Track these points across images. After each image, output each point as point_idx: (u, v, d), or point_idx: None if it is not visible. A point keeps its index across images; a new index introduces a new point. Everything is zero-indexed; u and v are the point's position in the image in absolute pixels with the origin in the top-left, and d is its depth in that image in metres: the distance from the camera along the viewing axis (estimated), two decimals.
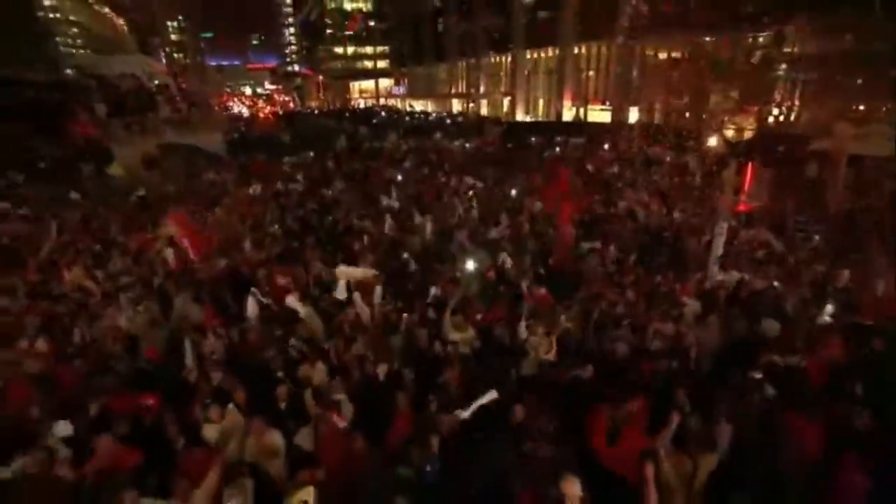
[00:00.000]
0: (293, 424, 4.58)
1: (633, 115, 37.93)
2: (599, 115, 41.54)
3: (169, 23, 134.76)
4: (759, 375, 4.27)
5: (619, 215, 10.94)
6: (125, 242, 9.95)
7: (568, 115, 45.25)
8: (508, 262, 7.92)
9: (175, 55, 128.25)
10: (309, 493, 3.24)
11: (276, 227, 10.80)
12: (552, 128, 31.64)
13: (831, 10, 19.74)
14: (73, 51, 60.57)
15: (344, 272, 7.19)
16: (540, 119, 46.61)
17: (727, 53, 28.31)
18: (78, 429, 4.47)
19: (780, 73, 26.13)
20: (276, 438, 4.35)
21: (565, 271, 7.66)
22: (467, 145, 25.89)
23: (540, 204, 11.40)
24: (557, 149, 21.61)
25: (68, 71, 23.24)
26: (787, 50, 26.00)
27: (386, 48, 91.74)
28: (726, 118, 24.94)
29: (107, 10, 78.69)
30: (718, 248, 6.64)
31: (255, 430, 4.31)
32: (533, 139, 26.47)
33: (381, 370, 4.94)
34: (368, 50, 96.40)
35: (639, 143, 22.02)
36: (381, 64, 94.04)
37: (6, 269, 8.52)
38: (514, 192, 13.46)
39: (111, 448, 3.93)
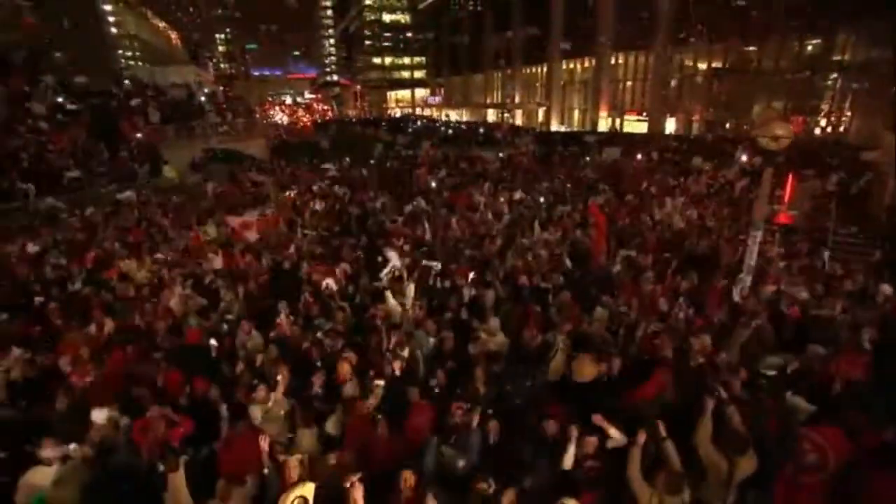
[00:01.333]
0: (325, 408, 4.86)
1: (671, 125, 37.35)
2: (635, 125, 41.05)
3: (217, 35, 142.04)
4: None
5: (654, 224, 10.85)
6: (175, 238, 10.59)
7: (603, 125, 44.87)
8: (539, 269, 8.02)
9: (222, 65, 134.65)
10: (309, 489, 3.27)
11: (316, 230, 11.24)
12: (587, 137, 31.48)
13: (881, 16, 19.03)
14: (133, 62, 64.54)
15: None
16: (575, 129, 46.31)
17: (773, 62, 27.57)
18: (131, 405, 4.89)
19: (829, 81, 25.27)
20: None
21: (599, 279, 7.68)
22: (501, 154, 26.03)
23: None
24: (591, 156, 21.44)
25: (127, 81, 24.70)
26: (836, 58, 25.16)
27: (422, 59, 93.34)
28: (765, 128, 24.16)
29: (163, 24, 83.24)
30: (751, 258, 6.54)
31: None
32: (564, 148, 26.45)
33: (397, 366, 5.13)
34: (405, 60, 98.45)
35: (676, 153, 21.65)
36: (418, 74, 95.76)
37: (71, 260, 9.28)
38: (549, 200, 13.54)
39: (164, 417, 4.29)
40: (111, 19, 67.12)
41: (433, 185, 15.82)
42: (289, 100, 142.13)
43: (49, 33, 33.64)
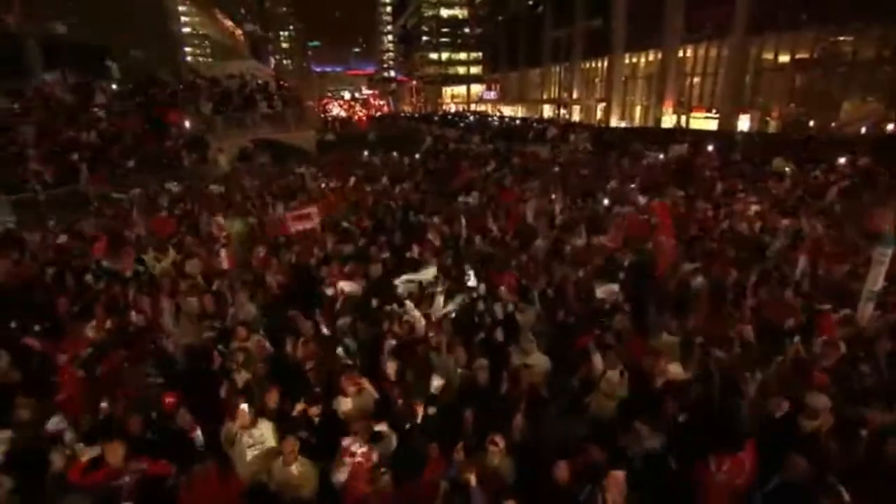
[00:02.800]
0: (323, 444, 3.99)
1: (744, 123, 34.22)
2: (703, 122, 38.07)
3: (281, 32, 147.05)
4: None
5: (728, 232, 9.30)
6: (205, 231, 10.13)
7: (668, 122, 42.06)
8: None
9: (284, 61, 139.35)
10: None
11: (350, 224, 10.48)
12: (651, 134, 29.25)
13: None
14: (200, 59, 67.68)
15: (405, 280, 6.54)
16: (636, 126, 43.73)
17: (870, 52, 24.38)
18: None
19: None
20: (307, 469, 3.80)
21: (667, 293, 6.40)
22: (556, 150, 24.59)
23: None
24: (661, 156, 19.56)
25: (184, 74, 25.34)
26: None
27: (479, 54, 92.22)
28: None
29: (229, 22, 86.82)
30: (876, 281, 5.07)
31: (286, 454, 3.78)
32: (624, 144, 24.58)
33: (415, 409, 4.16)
34: (462, 55, 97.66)
35: (753, 152, 19.39)
36: (474, 69, 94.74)
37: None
38: (606, 201, 12.17)
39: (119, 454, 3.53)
40: (183, 19, 70.78)
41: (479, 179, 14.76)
42: (347, 95, 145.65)
43: (121, 31, 35.39)
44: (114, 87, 20.53)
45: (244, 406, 3.96)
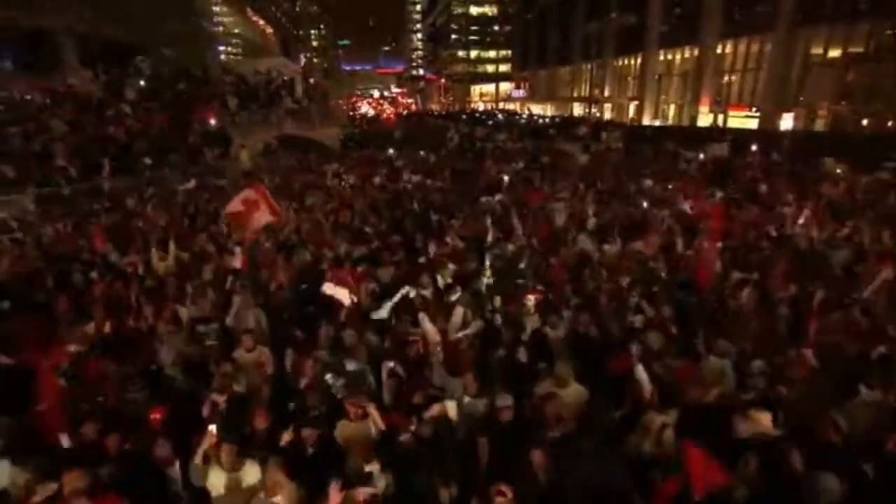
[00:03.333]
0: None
1: (787, 122, 32.38)
2: (742, 121, 36.29)
3: (312, 31, 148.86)
4: None
5: (780, 239, 8.40)
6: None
7: (703, 120, 40.33)
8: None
9: (315, 60, 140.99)
10: None
11: (366, 224, 9.97)
12: (687, 133, 27.95)
13: None
14: (231, 56, 68.81)
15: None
16: (670, 124, 42.12)
17: None
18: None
19: None
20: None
21: (710, 312, 5.64)
22: (588, 148, 23.70)
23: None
24: (700, 155, 18.48)
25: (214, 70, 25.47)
26: None
27: (508, 52, 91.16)
28: None
29: (260, 21, 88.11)
30: None
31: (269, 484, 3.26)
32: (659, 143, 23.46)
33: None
34: (491, 54, 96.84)
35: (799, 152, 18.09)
36: (503, 67, 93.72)
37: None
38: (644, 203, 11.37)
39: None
40: (217, 19, 72.09)
41: (505, 179, 14.07)
42: (376, 94, 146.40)
43: (155, 31, 36.02)
44: (141, 83, 20.63)
45: (212, 429, 3.46)
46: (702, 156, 18.35)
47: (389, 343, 4.99)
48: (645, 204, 10.65)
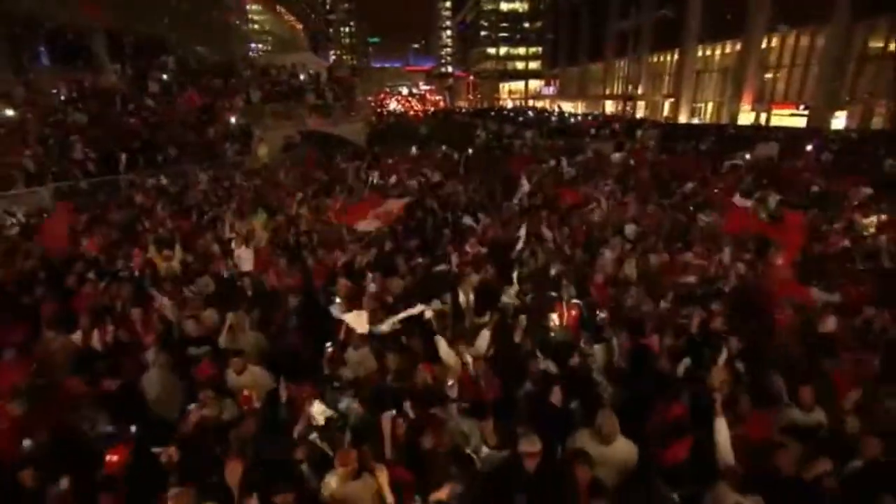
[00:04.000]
0: None
1: (840, 120, 30.25)
2: (788, 120, 34.18)
3: (343, 28, 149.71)
4: None
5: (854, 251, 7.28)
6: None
7: (744, 119, 38.25)
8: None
9: (345, 57, 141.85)
10: None
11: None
12: (729, 132, 26.28)
13: None
14: (261, 53, 69.55)
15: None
16: (707, 122, 40.14)
17: None
18: None
19: None
20: None
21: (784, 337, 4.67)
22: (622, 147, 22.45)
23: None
24: (747, 156, 17.08)
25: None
26: None
27: (538, 49, 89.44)
28: None
29: (291, 17, 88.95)
30: None
31: None
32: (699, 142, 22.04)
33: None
34: (521, 51, 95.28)
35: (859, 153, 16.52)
36: (533, 65, 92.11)
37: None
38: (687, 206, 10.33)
39: None
40: (249, 17, 73.10)
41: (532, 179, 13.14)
42: (405, 91, 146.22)
43: (188, 28, 36.38)
44: (164, 77, 20.48)
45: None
46: (748, 156, 16.96)
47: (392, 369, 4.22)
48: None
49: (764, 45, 35.77)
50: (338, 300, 6.26)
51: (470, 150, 21.07)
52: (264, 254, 7.40)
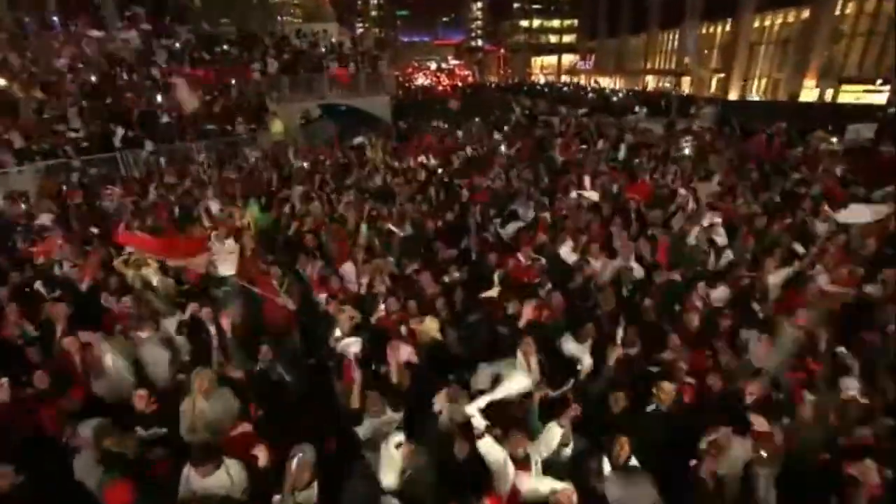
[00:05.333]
0: None
1: None
2: (862, 97, 30.57)
3: (371, 1, 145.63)
4: None
5: None
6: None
7: (806, 96, 34.61)
8: None
9: (373, 29, 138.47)
10: None
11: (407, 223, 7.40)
12: (799, 111, 23.15)
13: None
14: (287, 22, 67.64)
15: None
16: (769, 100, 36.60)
17: None
18: None
19: None
20: None
21: None
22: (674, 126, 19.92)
23: None
24: (834, 139, 14.49)
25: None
26: None
27: (574, 21, 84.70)
28: None
29: None
30: None
31: None
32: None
33: None
34: (555, 23, 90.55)
35: None
36: (567, 38, 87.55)
37: None
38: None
39: None
40: None
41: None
42: (433, 66, 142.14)
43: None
44: (177, 45, 18.85)
45: None
46: (834, 139, 14.36)
47: None
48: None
49: (838, 11, 31.87)
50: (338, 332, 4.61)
51: (506, 128, 19.03)
52: (250, 263, 5.68)
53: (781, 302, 5.46)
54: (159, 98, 15.47)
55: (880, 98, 28.44)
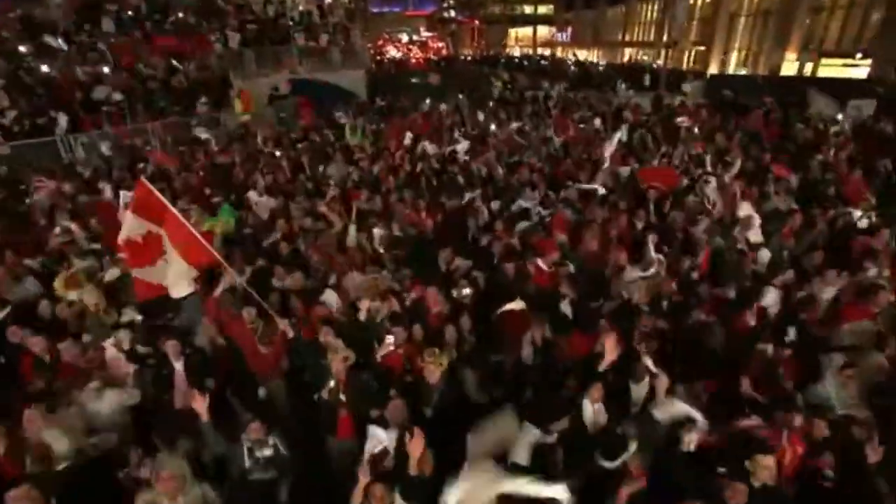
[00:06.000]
0: None
1: None
2: (840, 72, 30.36)
3: None
4: None
5: None
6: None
7: (787, 69, 34.28)
8: None
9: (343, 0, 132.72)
10: None
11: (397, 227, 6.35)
12: (787, 85, 22.47)
13: None
14: None
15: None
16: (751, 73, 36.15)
17: None
18: None
19: None
20: None
21: None
22: (662, 102, 19.11)
23: None
24: (839, 116, 13.87)
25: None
26: None
27: None
28: None
29: None
30: None
31: None
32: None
33: None
34: None
35: None
36: (543, 9, 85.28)
37: None
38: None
39: None
40: None
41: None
42: (405, 38, 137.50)
43: None
44: (129, 13, 16.84)
45: None
46: (840, 116, 13.75)
47: None
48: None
49: None
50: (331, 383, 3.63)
51: (490, 104, 17.91)
52: (216, 304, 4.55)
53: (835, 317, 4.71)
54: (106, 70, 13.70)
55: (858, 72, 28.21)
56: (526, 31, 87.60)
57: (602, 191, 6.95)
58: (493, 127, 12.57)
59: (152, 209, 4.02)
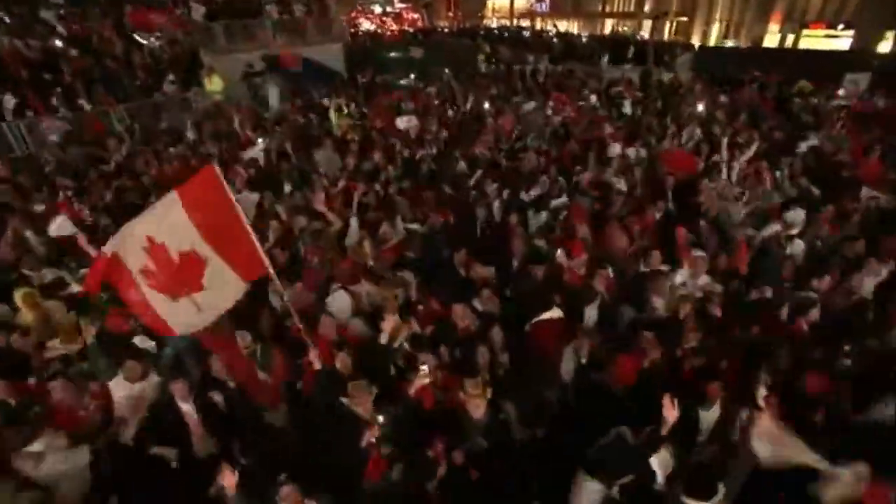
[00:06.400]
0: None
1: (889, 43, 26.49)
2: (822, 43, 30.27)
3: None
4: None
5: None
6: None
7: (770, 41, 34.10)
8: None
9: None
10: None
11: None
12: (780, 58, 21.96)
13: None
14: None
15: None
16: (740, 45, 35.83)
17: None
18: None
19: None
20: None
21: None
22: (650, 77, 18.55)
23: None
24: (841, 91, 13.53)
25: None
26: None
27: None
28: None
29: None
30: None
31: None
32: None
33: None
34: None
35: None
36: None
37: None
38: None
39: None
40: None
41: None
42: (378, 9, 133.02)
43: None
44: None
45: None
46: (841, 92, 13.42)
47: None
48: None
49: None
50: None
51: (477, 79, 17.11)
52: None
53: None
54: (59, 43, 12.42)
55: (840, 43, 28.13)
56: (503, 2, 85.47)
57: (624, 187, 6.40)
58: (486, 105, 11.85)
59: (209, 207, 3.09)
